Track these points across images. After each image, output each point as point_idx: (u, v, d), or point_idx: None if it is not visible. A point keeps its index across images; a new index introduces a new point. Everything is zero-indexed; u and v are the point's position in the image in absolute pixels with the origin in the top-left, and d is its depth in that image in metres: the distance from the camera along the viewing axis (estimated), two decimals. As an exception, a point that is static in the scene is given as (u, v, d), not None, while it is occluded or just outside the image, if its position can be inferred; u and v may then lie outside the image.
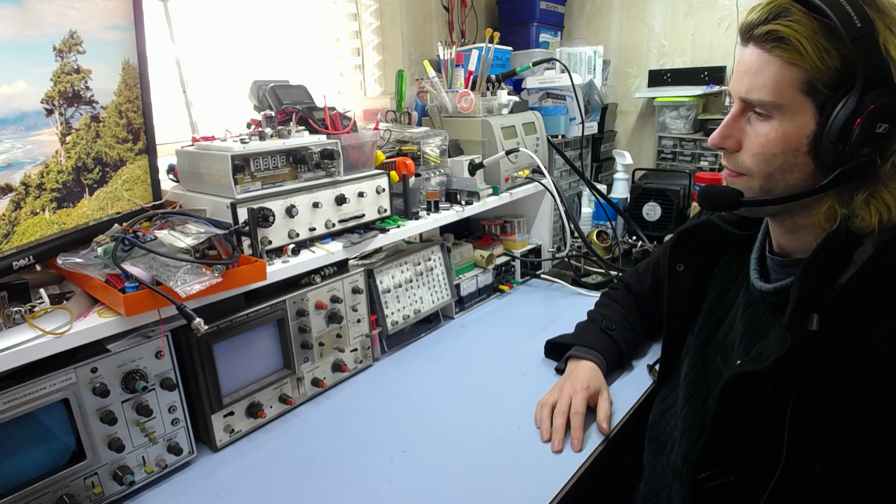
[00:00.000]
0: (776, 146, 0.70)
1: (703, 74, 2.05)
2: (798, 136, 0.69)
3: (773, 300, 0.80)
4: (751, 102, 0.71)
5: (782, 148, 0.70)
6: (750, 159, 0.73)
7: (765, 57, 0.68)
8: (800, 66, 0.66)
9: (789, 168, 0.71)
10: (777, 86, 0.68)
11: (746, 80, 0.71)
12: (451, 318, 1.50)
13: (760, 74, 0.69)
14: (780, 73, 0.67)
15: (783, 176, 0.72)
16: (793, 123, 0.69)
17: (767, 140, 0.70)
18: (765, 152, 0.71)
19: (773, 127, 0.70)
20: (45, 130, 0.83)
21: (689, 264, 0.97)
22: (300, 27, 1.67)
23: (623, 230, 1.96)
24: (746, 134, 0.73)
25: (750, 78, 0.70)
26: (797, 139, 0.69)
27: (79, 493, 0.82)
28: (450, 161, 1.49)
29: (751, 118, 0.73)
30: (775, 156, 0.71)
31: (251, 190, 1.03)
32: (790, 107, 0.68)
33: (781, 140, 0.69)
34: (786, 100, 0.68)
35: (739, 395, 0.76)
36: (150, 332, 0.89)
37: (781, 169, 0.71)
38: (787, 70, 0.67)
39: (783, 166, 0.71)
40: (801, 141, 0.69)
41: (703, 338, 0.93)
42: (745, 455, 0.77)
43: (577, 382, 1.06)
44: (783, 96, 0.68)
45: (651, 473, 0.96)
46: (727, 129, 0.75)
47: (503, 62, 1.90)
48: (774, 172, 0.72)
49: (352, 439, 1.02)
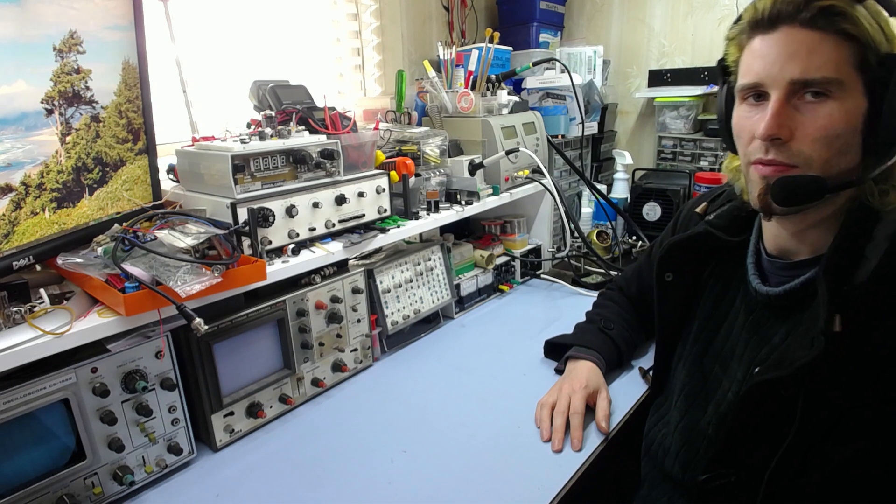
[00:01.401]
0: (839, 126, 0.67)
1: (703, 74, 2.05)
2: (857, 114, 0.67)
3: (781, 304, 0.78)
4: (808, 83, 0.67)
5: (846, 127, 0.67)
6: (809, 146, 0.69)
7: (817, 35, 0.66)
8: (857, 39, 0.66)
9: (846, 149, 0.69)
10: (837, 62, 0.66)
11: (798, 61, 0.67)
12: (451, 318, 1.50)
13: (817, 53, 0.66)
14: (838, 48, 0.66)
15: (839, 160, 0.69)
16: (851, 101, 0.67)
17: (830, 121, 0.67)
18: (828, 135, 0.68)
19: (833, 107, 0.67)
20: (45, 130, 0.83)
21: (678, 273, 0.95)
22: (300, 27, 1.67)
23: (623, 230, 1.96)
24: (797, 121, 0.69)
25: (804, 59, 0.67)
26: (857, 117, 0.67)
27: (79, 493, 0.82)
28: (450, 161, 1.49)
29: (798, 104, 0.69)
30: (838, 137, 0.68)
31: (251, 190, 1.03)
32: (848, 83, 0.67)
33: (844, 119, 0.67)
34: (845, 76, 0.66)
35: (757, 403, 0.75)
36: (150, 332, 0.89)
37: (839, 151, 0.69)
38: (843, 46, 0.66)
39: (842, 148, 0.69)
40: (859, 119, 0.67)
41: (699, 347, 0.91)
42: (752, 457, 0.76)
43: (576, 382, 1.06)
44: (843, 72, 0.66)
45: (651, 482, 0.96)
46: (780, 116, 0.69)
47: (503, 62, 1.90)
48: (832, 157, 0.69)
49: (352, 439, 1.02)
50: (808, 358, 0.68)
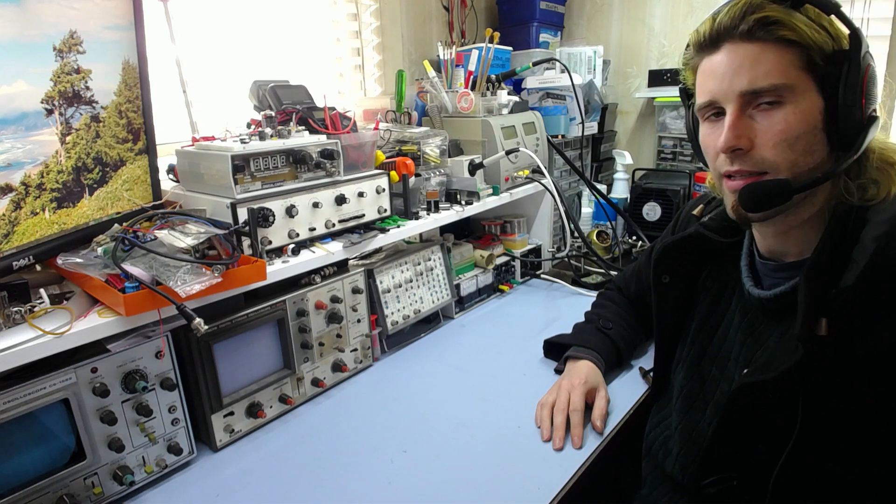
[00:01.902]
0: (797, 128, 0.69)
1: (703, 74, 2.05)
2: (813, 113, 0.69)
3: (773, 307, 0.79)
4: (759, 92, 0.69)
5: (804, 128, 0.69)
6: (771, 151, 0.70)
7: (758, 46, 0.69)
8: (798, 44, 0.67)
9: (810, 149, 0.70)
10: (783, 68, 0.68)
11: (745, 73, 0.69)
12: (451, 318, 1.50)
13: (761, 63, 0.69)
14: (781, 55, 0.68)
15: (805, 159, 0.70)
16: (805, 102, 0.69)
17: (787, 125, 0.69)
18: (787, 138, 0.69)
19: (788, 111, 0.69)
20: (45, 130, 0.83)
21: (675, 275, 0.95)
22: (300, 27, 1.67)
23: (623, 230, 1.96)
24: (756, 130, 0.71)
25: (748, 70, 0.69)
26: (813, 116, 0.69)
27: (79, 493, 0.82)
28: (450, 161, 1.49)
29: (754, 114, 0.71)
30: (798, 139, 0.69)
31: (251, 190, 1.03)
32: (798, 86, 0.68)
33: (801, 121, 0.68)
34: (793, 79, 0.68)
35: (745, 404, 0.75)
36: (150, 332, 0.89)
37: (804, 152, 0.70)
38: (786, 51, 0.68)
39: (805, 148, 0.70)
40: (816, 118, 0.69)
41: (697, 349, 0.91)
42: (749, 460, 0.77)
43: (575, 379, 1.06)
44: (790, 77, 0.68)
45: (652, 482, 0.96)
46: (737, 128, 0.71)
47: (503, 62, 1.90)
48: (798, 158, 0.70)
49: (352, 439, 1.02)
50: (791, 362, 0.69)
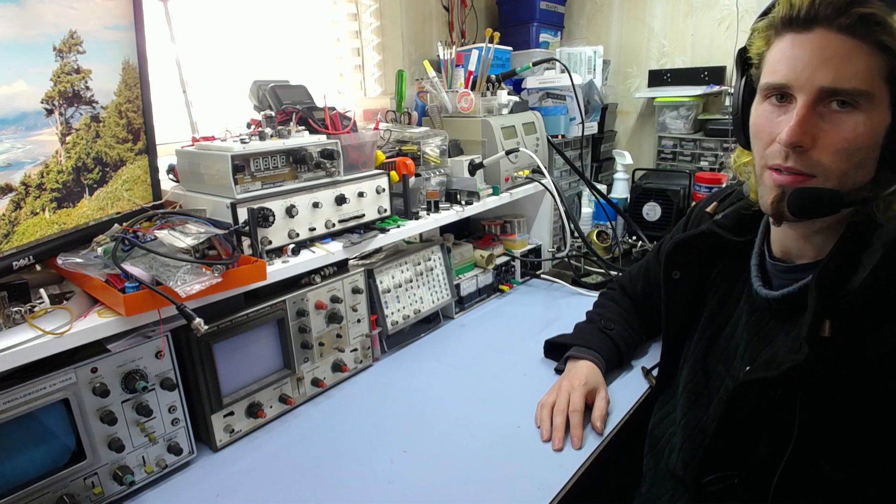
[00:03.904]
0: (864, 140, 0.65)
1: (703, 74, 2.05)
2: (880, 128, 0.65)
3: (780, 307, 0.78)
4: (838, 92, 0.65)
5: (868, 141, 0.65)
6: (830, 156, 0.66)
7: (853, 43, 0.64)
8: (890, 50, 0.63)
9: (864, 163, 0.67)
10: (869, 73, 0.64)
11: (832, 68, 0.64)
12: (451, 318, 1.50)
13: (851, 61, 0.64)
14: (871, 59, 0.64)
15: (855, 172, 0.67)
16: (878, 114, 0.65)
17: (855, 134, 0.65)
18: (850, 147, 0.65)
19: (859, 119, 0.65)
20: (45, 130, 0.83)
21: (685, 271, 0.95)
22: (300, 27, 1.67)
23: (623, 230, 1.95)
24: (821, 129, 0.66)
25: (837, 65, 0.64)
26: (880, 132, 0.65)
27: (79, 493, 0.82)
28: (450, 161, 1.49)
29: (823, 112, 0.66)
30: (859, 150, 0.65)
31: (251, 190, 1.03)
32: (877, 96, 0.64)
33: (869, 133, 0.65)
34: (875, 88, 0.64)
35: (746, 401, 0.75)
36: (150, 332, 0.89)
37: (858, 165, 0.66)
38: (877, 56, 0.64)
39: (861, 161, 0.66)
40: (881, 133, 0.65)
41: (703, 345, 0.91)
42: (750, 458, 0.77)
43: (575, 379, 1.06)
44: (874, 84, 0.64)
45: (652, 479, 0.96)
46: (806, 123, 0.66)
47: (503, 62, 1.90)
48: (850, 169, 0.66)
49: (352, 439, 1.02)
50: (794, 362, 0.68)
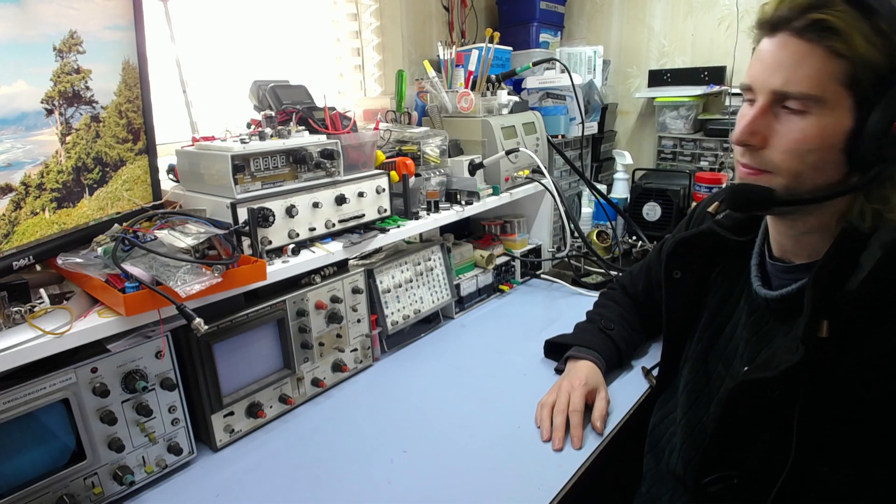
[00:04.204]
0: (813, 142, 0.66)
1: (703, 74, 2.05)
2: (836, 132, 0.66)
3: (779, 307, 0.79)
4: (787, 96, 0.67)
5: (819, 144, 0.66)
6: (780, 156, 0.69)
7: (805, 47, 0.65)
8: (845, 57, 0.63)
9: (821, 165, 0.68)
10: (820, 78, 0.65)
11: (783, 72, 0.67)
12: (451, 318, 1.50)
13: (801, 66, 0.65)
14: (824, 64, 0.64)
15: (813, 175, 0.68)
16: (832, 118, 0.66)
17: (803, 136, 0.67)
18: (799, 149, 0.67)
19: (810, 122, 0.66)
20: (45, 130, 0.83)
21: (686, 271, 0.95)
22: (300, 27, 1.67)
23: (623, 230, 1.95)
24: (774, 130, 0.69)
25: (788, 70, 0.66)
26: (835, 135, 0.66)
27: (79, 493, 0.82)
28: (450, 161, 1.49)
29: (779, 113, 0.69)
30: (810, 152, 0.67)
31: (251, 190, 1.03)
32: (831, 101, 0.65)
33: (819, 136, 0.66)
34: (828, 93, 0.65)
35: (745, 401, 0.76)
36: (150, 332, 0.89)
37: (813, 167, 0.68)
38: (831, 62, 0.64)
39: (816, 164, 0.68)
40: (837, 137, 0.66)
41: (704, 345, 0.91)
42: (749, 458, 0.77)
43: (576, 379, 1.06)
44: (826, 89, 0.65)
45: (652, 479, 0.96)
46: (754, 124, 0.70)
47: (503, 62, 1.90)
48: (805, 171, 0.68)
49: (352, 439, 1.02)
50: (791, 362, 0.69)
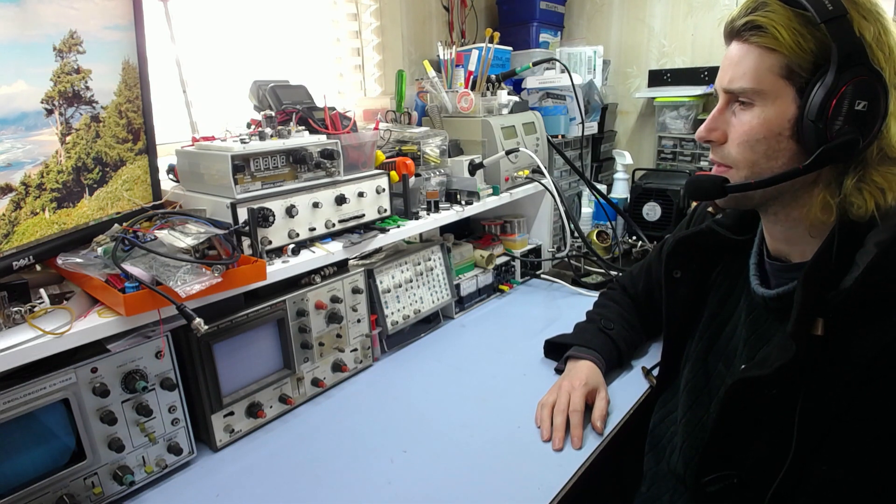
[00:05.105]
0: (759, 132, 0.71)
1: (703, 74, 2.05)
2: (780, 121, 0.70)
3: (776, 306, 0.79)
4: (733, 92, 0.73)
5: (765, 133, 0.71)
6: (735, 149, 0.74)
7: (745, 48, 0.71)
8: (778, 51, 0.68)
9: (773, 154, 0.72)
10: (757, 72, 0.70)
11: (729, 71, 0.73)
12: (451, 318, 1.50)
13: (741, 64, 0.71)
14: (759, 60, 0.70)
15: (768, 163, 0.73)
16: (774, 108, 0.70)
17: (750, 127, 0.72)
18: (748, 139, 0.72)
19: (754, 114, 0.72)
20: (45, 130, 0.83)
21: (686, 270, 0.96)
22: (300, 27, 1.67)
23: (623, 230, 1.95)
24: (731, 125, 0.75)
25: (731, 69, 0.73)
26: (779, 123, 0.70)
27: (79, 493, 0.82)
28: (450, 161, 1.49)
29: (735, 110, 0.74)
30: (758, 142, 0.72)
31: (251, 190, 1.03)
32: (771, 92, 0.70)
33: (763, 125, 0.71)
34: (766, 85, 0.70)
35: (743, 400, 0.76)
36: (150, 332, 0.89)
37: (766, 155, 0.72)
38: (765, 57, 0.69)
39: (767, 152, 0.72)
40: (783, 125, 0.70)
41: (704, 344, 0.92)
42: (748, 458, 0.77)
43: (576, 379, 1.06)
44: (763, 82, 0.70)
45: (653, 478, 0.96)
46: (713, 122, 0.76)
47: (503, 62, 1.90)
48: (759, 160, 0.73)
49: (352, 439, 1.02)
50: (784, 360, 0.69)
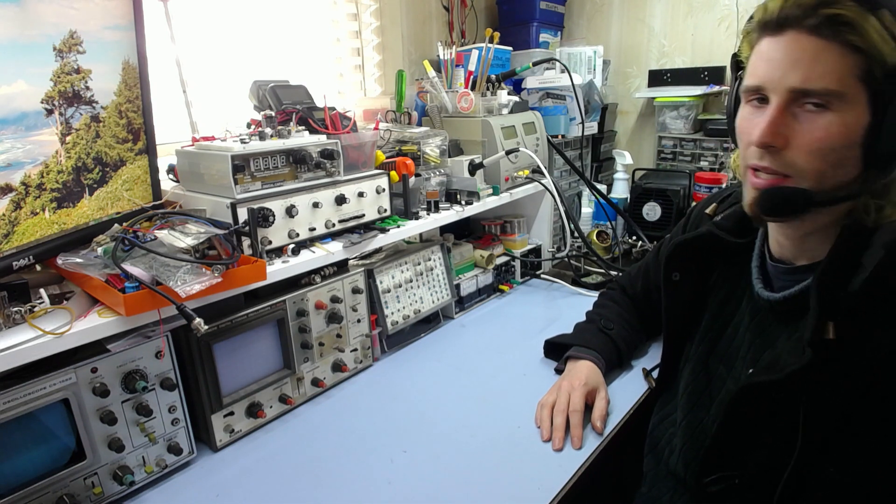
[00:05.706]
0: (837, 140, 0.65)
1: (703, 74, 2.05)
2: (856, 128, 0.65)
3: (782, 309, 0.78)
4: (807, 93, 0.66)
5: (843, 142, 0.65)
6: (803, 157, 0.67)
7: (822, 44, 0.64)
8: (861, 51, 0.63)
9: (841, 163, 0.67)
10: (840, 73, 0.64)
11: (801, 69, 0.65)
12: (451, 318, 1.50)
13: (819, 62, 0.64)
14: (842, 59, 0.64)
15: (834, 172, 0.67)
16: (852, 114, 0.65)
17: (828, 134, 0.65)
18: (823, 147, 0.66)
19: (831, 119, 0.65)
20: (45, 130, 0.83)
21: (685, 273, 0.95)
22: (300, 27, 1.67)
23: (623, 230, 1.95)
24: (794, 129, 0.67)
25: (806, 67, 0.65)
26: (856, 131, 0.65)
27: (79, 493, 0.82)
28: (450, 161, 1.49)
29: (797, 112, 0.67)
30: (833, 150, 0.66)
31: (251, 190, 1.03)
32: (851, 96, 0.64)
33: (843, 133, 0.65)
34: (848, 88, 0.64)
35: (748, 404, 0.75)
36: (150, 332, 0.89)
37: (834, 165, 0.67)
38: (848, 56, 0.64)
39: (837, 162, 0.67)
40: (858, 133, 0.65)
41: (705, 347, 0.91)
42: (751, 459, 0.77)
43: (576, 379, 1.06)
44: (845, 84, 0.64)
45: (653, 479, 0.96)
46: (776, 125, 0.68)
47: (503, 62, 1.90)
48: (827, 169, 0.67)
49: (352, 439, 1.02)
50: (798, 365, 0.68)
